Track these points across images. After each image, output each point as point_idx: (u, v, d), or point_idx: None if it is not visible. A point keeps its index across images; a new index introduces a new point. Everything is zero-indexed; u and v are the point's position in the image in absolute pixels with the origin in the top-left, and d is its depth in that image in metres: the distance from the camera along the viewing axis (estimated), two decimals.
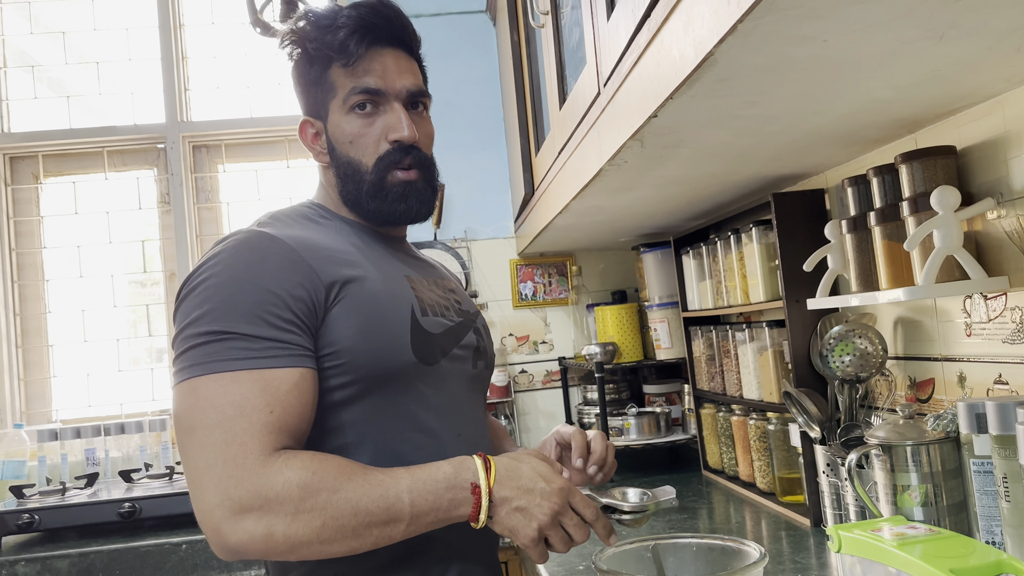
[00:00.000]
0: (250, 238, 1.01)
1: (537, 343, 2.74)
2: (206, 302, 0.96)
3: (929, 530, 1.08)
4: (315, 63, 1.14)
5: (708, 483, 2.00)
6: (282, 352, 0.96)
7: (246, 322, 0.95)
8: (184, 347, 0.95)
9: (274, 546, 0.89)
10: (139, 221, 2.79)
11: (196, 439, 0.91)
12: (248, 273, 0.97)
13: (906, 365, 1.40)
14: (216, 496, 0.88)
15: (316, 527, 0.90)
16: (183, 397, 0.94)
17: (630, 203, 1.75)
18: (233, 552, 0.89)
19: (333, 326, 1.00)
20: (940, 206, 1.12)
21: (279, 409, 0.94)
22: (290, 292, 0.98)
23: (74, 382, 2.72)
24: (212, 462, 0.89)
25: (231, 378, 0.93)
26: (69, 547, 1.89)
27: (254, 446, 0.91)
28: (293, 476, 0.90)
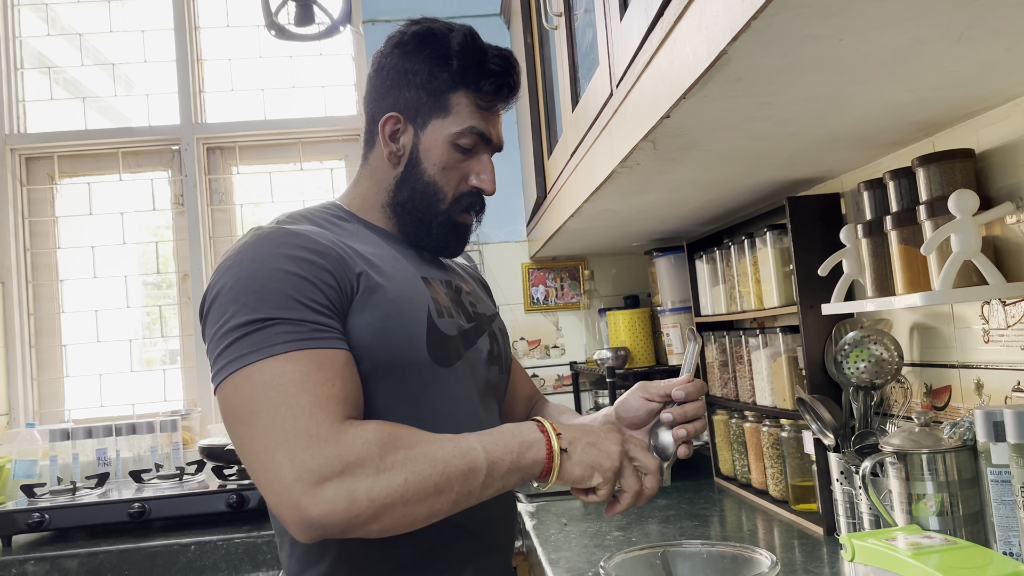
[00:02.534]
0: (272, 232, 1.01)
1: (549, 347, 2.73)
2: (240, 296, 0.94)
3: (945, 540, 1.06)
4: (444, 75, 1.12)
5: (720, 490, 1.98)
6: (328, 334, 0.95)
7: (287, 308, 0.93)
8: (225, 343, 0.93)
9: (359, 512, 0.85)
10: (153, 222, 2.80)
11: (260, 422, 0.88)
12: (276, 262, 0.96)
13: (922, 372, 1.38)
14: (293, 471, 0.85)
15: (399, 484, 0.87)
16: (237, 387, 0.90)
17: (643, 207, 1.74)
18: (315, 526, 0.85)
19: (352, 322, 1.00)
20: (958, 210, 1.10)
21: (339, 383, 0.92)
22: (321, 278, 0.97)
23: (87, 382, 2.73)
24: (283, 439, 0.86)
25: (285, 359, 0.90)
26: (78, 546, 1.89)
27: (324, 416, 0.88)
28: (371, 436, 0.88)
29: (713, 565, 1.03)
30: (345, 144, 2.82)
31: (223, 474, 2.16)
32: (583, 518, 1.80)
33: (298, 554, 1.05)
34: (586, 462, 0.96)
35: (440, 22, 1.16)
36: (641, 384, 1.14)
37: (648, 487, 1.00)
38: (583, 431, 0.98)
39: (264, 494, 0.88)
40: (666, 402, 1.10)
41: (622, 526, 1.70)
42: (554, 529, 1.71)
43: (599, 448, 0.97)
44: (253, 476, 0.89)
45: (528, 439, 0.94)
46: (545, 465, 0.94)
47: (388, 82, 1.15)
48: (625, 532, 1.65)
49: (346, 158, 2.84)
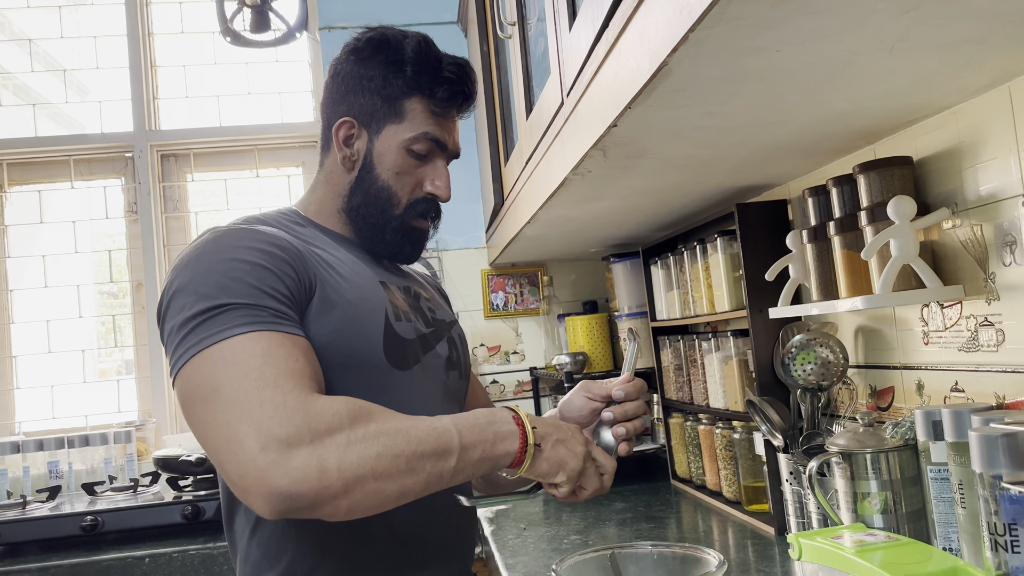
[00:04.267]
0: (230, 229, 1.01)
1: (508, 353, 2.74)
2: (198, 288, 0.92)
3: (888, 537, 1.09)
4: (398, 81, 1.12)
5: (676, 492, 2.00)
6: (288, 321, 0.93)
7: (245, 295, 0.91)
8: (184, 332, 0.90)
9: (329, 484, 0.81)
10: (106, 231, 2.76)
11: (222, 397, 0.84)
12: (235, 254, 0.95)
13: (867, 373, 1.42)
14: (258, 440, 0.81)
15: (371, 457, 0.83)
16: (196, 368, 0.87)
17: (597, 213, 1.76)
18: (283, 498, 0.80)
19: (309, 323, 0.99)
20: (897, 216, 1.13)
21: (303, 360, 0.90)
22: (281, 270, 0.96)
23: (38, 394, 2.68)
24: (247, 409, 0.82)
25: (246, 338, 0.88)
26: (29, 561, 1.86)
27: (290, 387, 0.85)
28: (341, 407, 0.85)
29: (663, 565, 1.05)
30: (302, 151, 2.81)
31: (178, 485, 2.14)
32: (541, 523, 1.81)
33: (253, 560, 1.04)
34: (554, 459, 0.97)
35: (395, 29, 1.17)
36: (584, 384, 1.16)
37: (606, 486, 1.02)
38: (554, 427, 0.99)
39: (227, 469, 0.83)
40: (608, 402, 1.12)
41: (579, 530, 1.72)
42: (512, 534, 1.72)
43: (567, 447, 0.98)
44: (215, 454, 0.85)
45: (503, 430, 0.94)
46: (516, 457, 0.95)
47: (343, 88, 1.15)
48: (582, 535, 1.67)
49: (303, 165, 2.82)
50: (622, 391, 1.11)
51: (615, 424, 1.09)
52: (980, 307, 1.13)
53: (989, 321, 1.12)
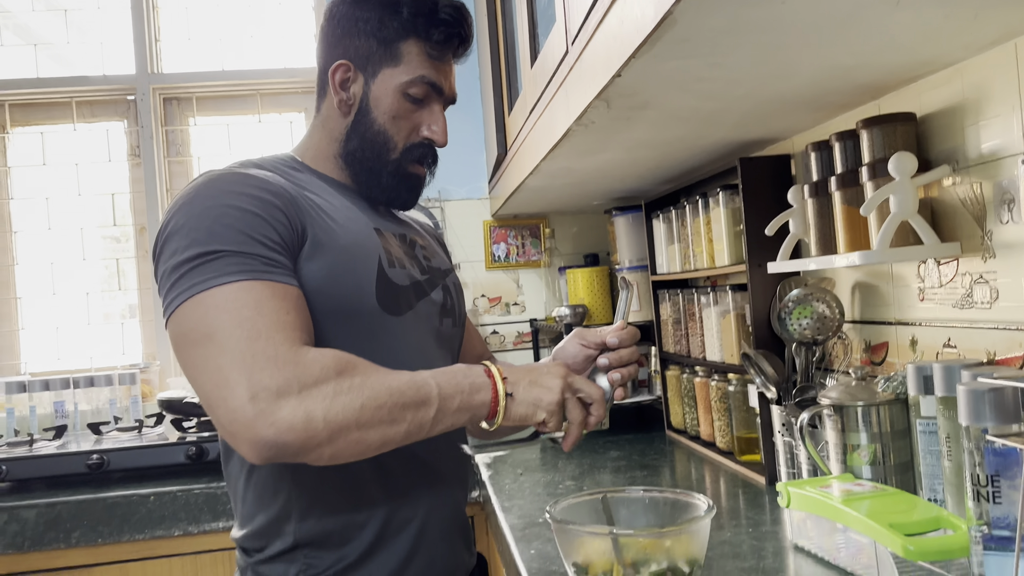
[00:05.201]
0: (224, 173, 1.02)
1: (509, 304, 2.75)
2: (191, 232, 0.94)
3: (875, 487, 1.11)
4: (394, 23, 1.12)
5: (671, 442, 2.04)
6: (280, 270, 0.96)
7: (238, 243, 0.93)
8: (177, 275, 0.93)
9: (314, 433, 0.85)
10: (109, 174, 2.76)
11: (214, 343, 0.88)
12: (228, 199, 0.97)
13: (862, 329, 1.43)
14: (248, 389, 0.85)
15: (355, 408, 0.88)
16: (190, 312, 0.90)
17: (600, 165, 1.76)
18: (270, 445, 0.85)
19: (302, 268, 1.01)
20: (897, 172, 1.14)
21: (294, 312, 0.93)
22: (274, 216, 0.98)
23: (43, 335, 2.71)
24: (239, 359, 0.86)
25: (239, 287, 0.91)
26: (37, 497, 1.90)
27: (281, 339, 0.89)
28: (329, 361, 0.89)
29: (653, 509, 1.08)
30: (304, 96, 2.79)
31: (182, 427, 2.17)
32: (538, 469, 1.85)
33: (249, 501, 1.07)
34: (528, 400, 0.99)
35: None
36: (578, 331, 1.17)
37: (595, 415, 1.03)
38: (525, 371, 1.01)
39: (216, 414, 0.87)
40: (602, 349, 1.14)
41: (574, 476, 1.75)
42: (509, 479, 1.75)
43: (541, 385, 1.00)
44: (205, 398, 0.88)
45: (477, 382, 0.97)
46: (491, 407, 0.97)
47: (339, 30, 1.15)
48: (577, 481, 1.70)
49: (305, 111, 2.81)
50: (616, 338, 1.13)
51: (609, 370, 1.11)
52: (976, 265, 1.14)
53: (984, 279, 1.13)
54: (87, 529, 1.87)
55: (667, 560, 0.95)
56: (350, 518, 1.05)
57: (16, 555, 1.85)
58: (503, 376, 0.98)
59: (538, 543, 1.28)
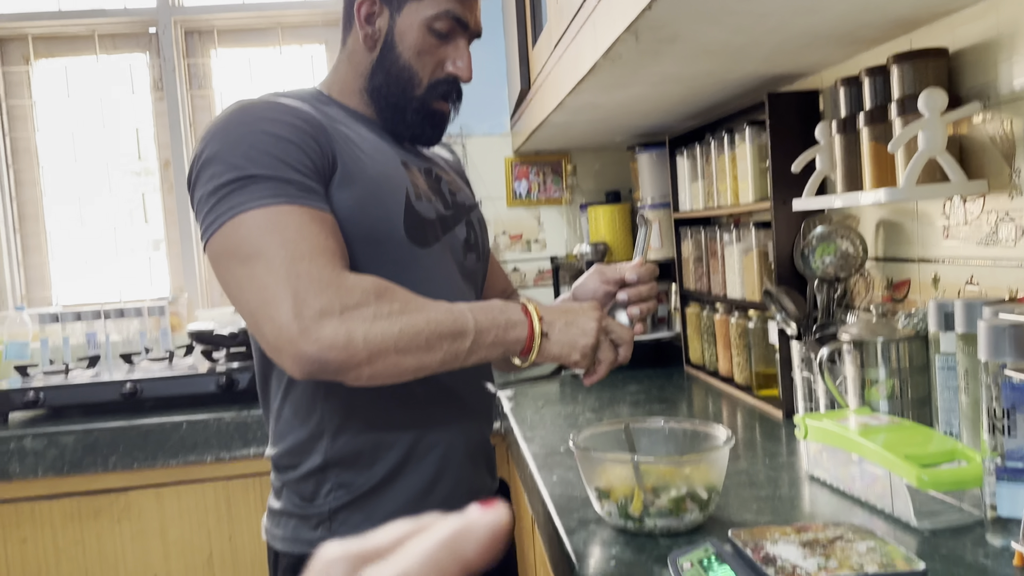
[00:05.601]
0: (256, 101, 1.04)
1: (530, 242, 2.77)
2: (228, 158, 0.96)
3: (891, 420, 1.14)
4: None
5: (689, 378, 2.07)
6: (314, 196, 0.98)
7: (273, 167, 0.96)
8: (216, 198, 0.95)
9: (354, 352, 0.89)
10: (133, 107, 2.76)
11: (260, 262, 0.91)
12: (262, 126, 0.99)
13: (885, 266, 1.44)
14: (292, 308, 0.89)
15: (394, 333, 0.91)
16: (234, 230, 0.93)
17: (625, 101, 1.75)
18: (312, 361, 0.89)
19: (331, 196, 1.03)
20: (927, 108, 1.13)
21: (332, 238, 0.96)
22: (306, 144, 1.00)
23: (72, 268, 2.76)
24: (284, 277, 0.90)
25: (279, 210, 0.94)
26: (74, 423, 1.97)
27: (324, 262, 0.92)
28: (369, 285, 0.93)
29: (673, 439, 1.11)
30: (326, 29, 2.77)
31: (212, 357, 2.23)
32: (558, 402, 1.88)
33: (284, 418, 1.10)
34: (564, 341, 1.01)
35: None
36: (597, 268, 1.19)
37: (622, 356, 1.06)
38: (562, 312, 1.03)
39: (262, 330, 0.91)
40: (621, 285, 1.16)
41: (595, 408, 1.79)
42: (531, 411, 1.79)
43: (577, 326, 1.02)
44: (250, 314, 0.92)
45: (513, 318, 0.99)
46: (526, 344, 1.00)
47: None
48: (597, 413, 1.74)
49: (326, 43, 2.79)
50: (635, 274, 1.14)
51: (629, 306, 1.13)
52: (1003, 202, 1.14)
53: (1010, 216, 1.13)
54: (123, 454, 1.94)
55: (686, 486, 0.99)
56: (380, 439, 1.08)
57: (57, 478, 1.93)
58: (540, 315, 1.00)
59: (560, 470, 1.32)
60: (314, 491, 1.08)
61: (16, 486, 1.92)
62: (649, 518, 0.99)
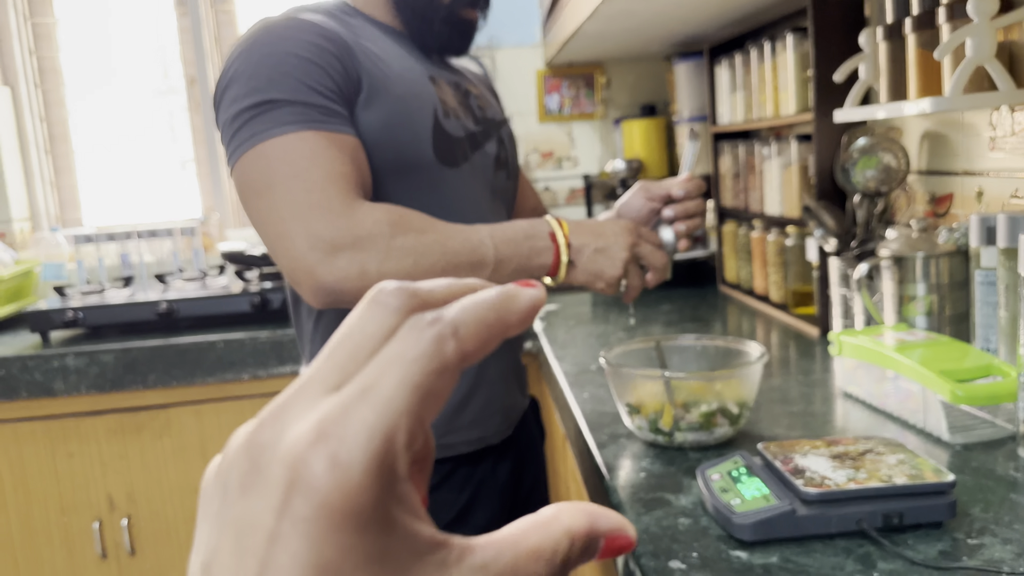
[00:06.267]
0: (282, 18, 1.02)
1: (562, 159, 2.72)
2: (250, 80, 0.96)
3: (928, 336, 1.11)
4: None
5: (724, 296, 2.05)
6: (337, 119, 0.97)
7: (295, 90, 0.95)
8: (237, 124, 0.96)
9: (369, 283, 0.90)
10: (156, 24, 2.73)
11: (275, 194, 0.92)
12: (286, 46, 0.97)
13: (927, 180, 1.39)
14: (307, 240, 0.90)
15: (408, 265, 0.91)
16: (251, 163, 0.94)
17: (662, 5, 1.68)
18: (329, 292, 0.91)
19: (358, 117, 1.01)
20: (976, 13, 1.07)
21: (350, 163, 0.96)
22: (330, 64, 0.98)
23: (102, 189, 2.77)
24: (297, 209, 0.91)
25: (296, 137, 0.94)
26: (112, 342, 2.01)
27: (335, 191, 0.92)
28: (382, 216, 0.92)
29: (705, 356, 1.10)
30: None
31: (244, 277, 2.25)
32: (589, 321, 1.88)
33: (318, 340, 1.11)
34: (590, 270, 1.00)
35: None
36: (643, 184, 1.16)
37: (652, 281, 1.05)
38: (593, 235, 1.01)
39: (279, 262, 0.93)
40: (667, 201, 1.13)
41: (626, 327, 1.78)
42: (562, 330, 1.79)
43: (607, 255, 1.00)
44: (269, 246, 0.94)
45: (538, 245, 0.98)
46: (550, 271, 0.99)
47: None
48: (629, 332, 1.73)
49: None
50: (682, 190, 1.11)
51: (674, 222, 1.10)
52: None
53: None
54: (161, 372, 1.98)
55: (717, 402, 0.98)
56: None
57: (99, 395, 1.98)
58: (568, 242, 0.99)
59: (591, 387, 1.32)
60: None
61: (61, 402, 1.98)
62: (679, 432, 0.99)
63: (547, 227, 1.00)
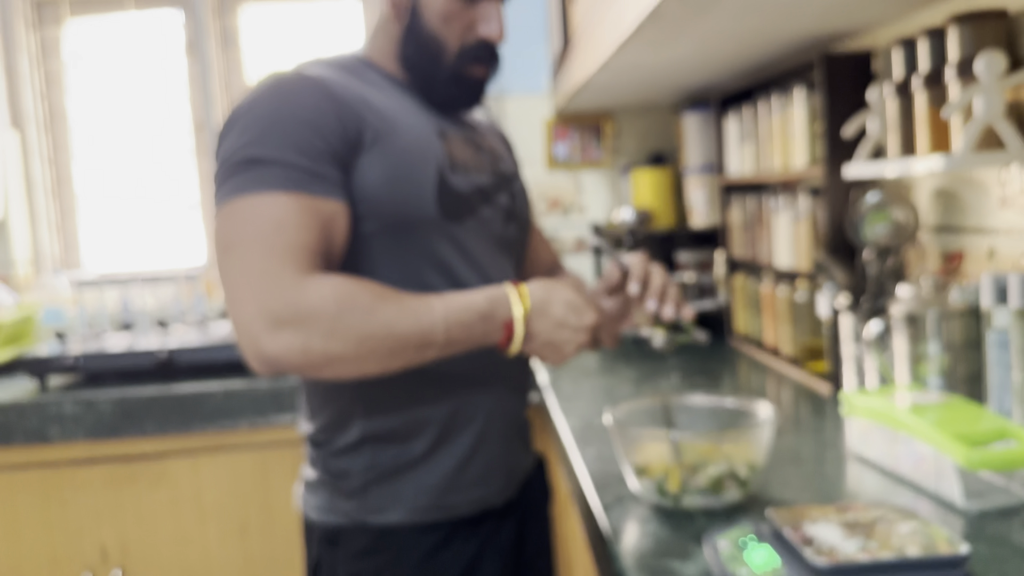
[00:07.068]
0: (287, 77, 1.02)
1: (569, 208, 2.71)
2: (244, 133, 0.97)
3: (941, 398, 1.09)
4: None
5: (734, 349, 2.02)
6: (318, 182, 0.97)
7: (284, 151, 0.96)
8: (223, 176, 0.97)
9: (312, 360, 0.90)
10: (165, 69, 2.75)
11: (234, 255, 0.93)
12: (286, 107, 0.99)
13: (938, 236, 1.37)
14: (254, 308, 0.90)
15: (352, 346, 0.91)
16: (223, 219, 0.95)
17: (671, 58, 1.69)
18: (271, 363, 0.90)
19: (360, 171, 1.01)
20: (984, 72, 1.06)
21: (315, 233, 0.96)
22: (326, 125, 0.99)
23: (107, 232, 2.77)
24: (249, 276, 0.91)
25: (269, 199, 0.94)
26: (110, 390, 1.98)
27: (290, 262, 0.92)
28: (329, 293, 0.91)
29: (714, 416, 1.07)
30: None
31: None
32: (596, 374, 1.85)
33: (319, 394, 1.09)
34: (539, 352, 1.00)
35: None
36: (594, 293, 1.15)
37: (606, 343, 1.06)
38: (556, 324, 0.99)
39: (232, 322, 0.93)
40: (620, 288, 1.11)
41: (634, 380, 1.76)
42: (568, 383, 1.77)
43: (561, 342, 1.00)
44: (226, 305, 0.94)
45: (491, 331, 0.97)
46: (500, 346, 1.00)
47: None
48: (636, 386, 1.70)
49: None
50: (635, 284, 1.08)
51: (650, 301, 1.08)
52: None
53: None
54: (159, 420, 1.95)
55: (726, 464, 0.95)
56: (415, 416, 1.06)
57: (95, 442, 1.95)
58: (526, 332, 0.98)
59: (597, 444, 1.29)
60: (349, 466, 1.07)
61: (56, 449, 1.95)
62: (687, 496, 0.96)
63: (507, 312, 0.98)
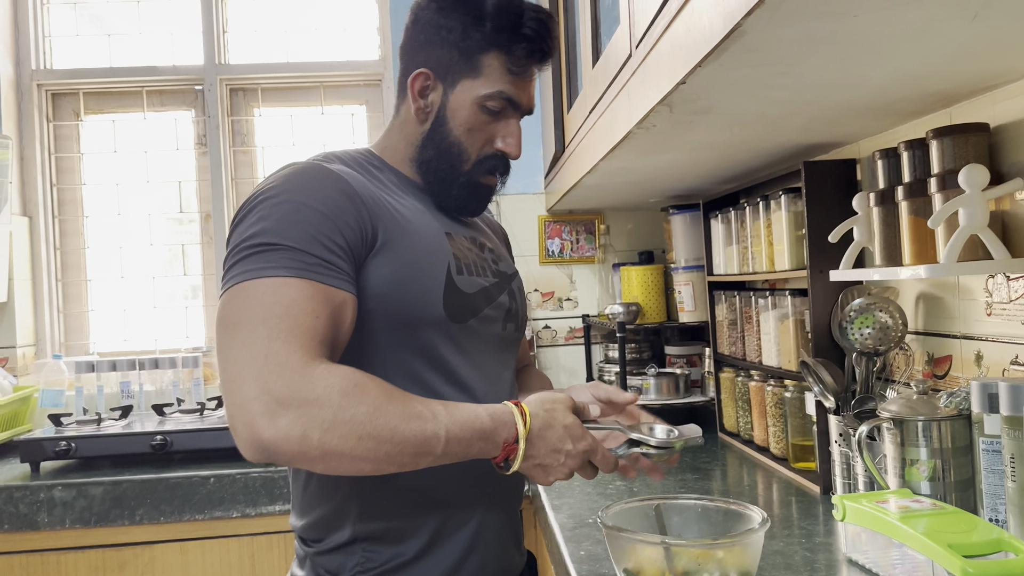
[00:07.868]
0: (309, 167, 1.05)
1: (562, 300, 2.76)
2: (262, 220, 0.97)
3: (933, 505, 1.10)
4: (477, 35, 1.12)
5: (723, 445, 2.03)
6: (332, 272, 0.97)
7: (300, 239, 0.96)
8: (236, 258, 0.96)
9: (307, 451, 0.86)
10: (176, 161, 2.83)
11: (239, 334, 0.90)
12: (305, 196, 0.99)
13: (925, 340, 1.41)
14: (254, 389, 0.86)
15: (352, 442, 0.87)
16: (230, 299, 0.93)
17: (659, 165, 1.75)
18: (264, 449, 0.86)
19: (372, 270, 1.03)
20: (968, 184, 1.11)
21: (325, 320, 0.94)
22: (344, 220, 1.00)
23: (111, 317, 2.80)
24: (253, 355, 0.88)
25: (282, 282, 0.93)
26: (103, 475, 1.97)
27: (298, 346, 0.89)
28: (335, 383, 0.88)
29: (706, 518, 1.08)
30: (367, 89, 2.83)
31: None
32: None
33: (312, 490, 1.09)
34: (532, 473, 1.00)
35: None
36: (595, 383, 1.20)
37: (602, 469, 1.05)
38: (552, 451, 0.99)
39: (226, 404, 0.89)
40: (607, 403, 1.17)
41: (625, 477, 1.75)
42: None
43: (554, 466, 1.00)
44: (222, 385, 0.90)
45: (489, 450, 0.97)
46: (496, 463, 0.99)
47: (422, 37, 1.15)
48: (628, 483, 1.70)
49: (367, 103, 2.84)
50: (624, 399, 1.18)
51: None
52: None
53: None
54: (150, 507, 1.93)
55: (719, 570, 0.95)
56: (408, 517, 1.07)
57: (84, 529, 1.93)
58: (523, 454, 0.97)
59: (588, 544, 1.29)
60: (340, 565, 1.07)
61: (44, 536, 1.92)
62: None
63: (508, 433, 0.97)
